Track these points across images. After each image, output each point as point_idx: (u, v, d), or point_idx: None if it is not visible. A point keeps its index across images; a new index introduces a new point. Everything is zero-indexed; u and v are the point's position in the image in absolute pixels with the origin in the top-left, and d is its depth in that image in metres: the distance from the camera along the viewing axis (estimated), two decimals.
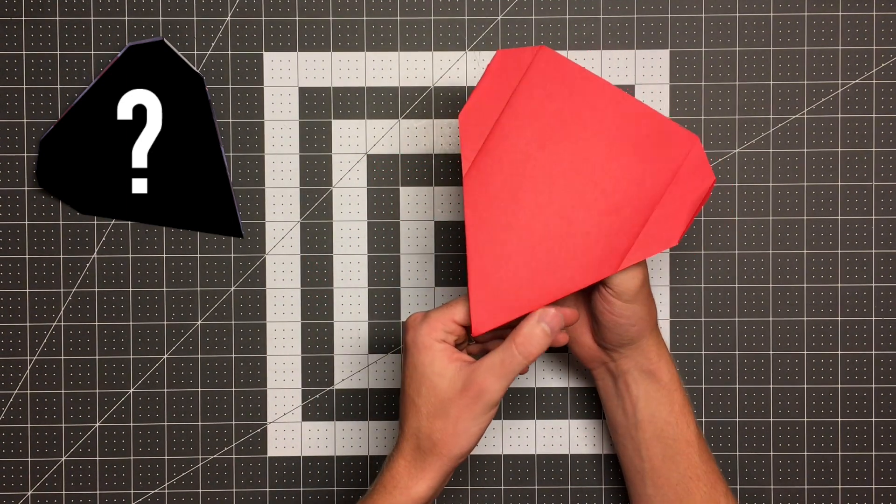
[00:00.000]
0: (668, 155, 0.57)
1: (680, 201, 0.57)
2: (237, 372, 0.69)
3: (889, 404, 0.68)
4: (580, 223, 0.57)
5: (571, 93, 0.58)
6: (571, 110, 0.58)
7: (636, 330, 0.59)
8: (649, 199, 0.57)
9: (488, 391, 0.55)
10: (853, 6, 0.68)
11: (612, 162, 0.57)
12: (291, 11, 0.68)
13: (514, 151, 0.58)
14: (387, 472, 0.57)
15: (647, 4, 0.68)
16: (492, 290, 0.57)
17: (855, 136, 0.68)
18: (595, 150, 0.57)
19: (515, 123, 0.58)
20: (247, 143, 0.68)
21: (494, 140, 0.58)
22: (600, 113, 0.58)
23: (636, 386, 0.61)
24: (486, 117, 0.58)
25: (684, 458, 0.60)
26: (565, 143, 0.58)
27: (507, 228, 0.58)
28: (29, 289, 0.68)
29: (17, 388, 0.68)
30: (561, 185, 0.58)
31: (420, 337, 0.57)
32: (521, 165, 0.58)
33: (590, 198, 0.57)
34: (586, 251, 0.57)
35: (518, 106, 0.58)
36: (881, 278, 0.68)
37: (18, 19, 0.68)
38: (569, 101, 0.58)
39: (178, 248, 0.68)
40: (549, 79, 0.58)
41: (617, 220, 0.57)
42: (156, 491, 0.68)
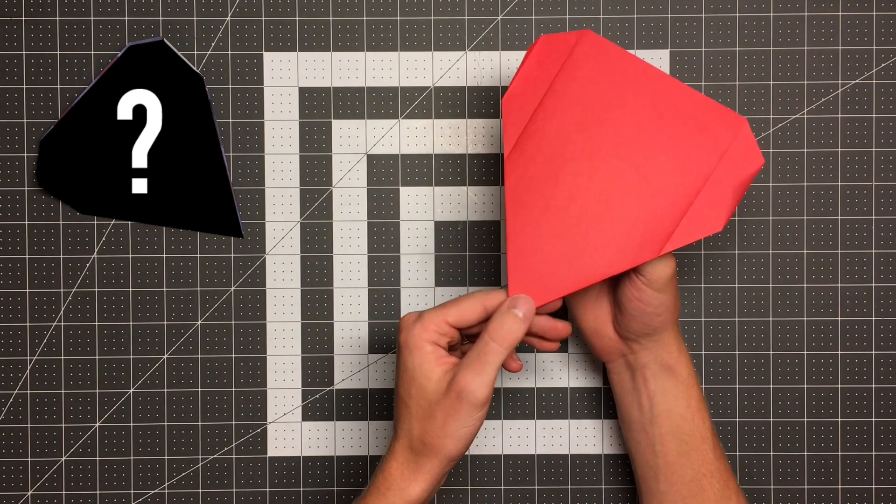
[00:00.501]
0: (714, 137, 0.57)
1: (725, 185, 0.57)
2: (237, 372, 0.69)
3: (889, 404, 0.68)
4: (620, 207, 0.57)
5: (614, 76, 0.58)
6: (614, 94, 0.58)
7: (661, 320, 0.60)
8: (693, 184, 0.57)
9: (469, 390, 0.55)
10: (853, 6, 0.68)
11: (655, 145, 0.57)
12: (291, 11, 0.68)
13: (556, 135, 0.58)
14: (380, 473, 0.57)
15: (647, 4, 0.68)
16: (530, 272, 0.58)
17: (855, 136, 0.68)
18: (637, 133, 0.57)
19: (558, 107, 0.58)
20: (247, 143, 0.68)
21: (536, 123, 0.58)
22: (644, 96, 0.57)
23: (654, 380, 0.61)
24: (529, 101, 0.58)
25: (699, 455, 0.60)
26: (607, 127, 0.58)
27: (546, 211, 0.58)
28: (29, 289, 0.68)
29: (17, 388, 0.68)
30: (601, 168, 0.57)
31: (412, 338, 0.57)
32: (561, 148, 0.58)
33: (631, 182, 0.57)
34: (626, 235, 0.57)
35: (560, 89, 0.58)
36: (881, 278, 0.68)
37: (18, 19, 0.68)
38: (612, 84, 0.58)
39: (178, 248, 0.68)
40: (592, 63, 0.58)
41: (658, 205, 0.57)
42: (156, 491, 0.68)
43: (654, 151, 0.57)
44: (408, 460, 0.57)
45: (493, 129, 0.68)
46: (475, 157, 0.68)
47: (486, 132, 0.68)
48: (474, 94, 0.68)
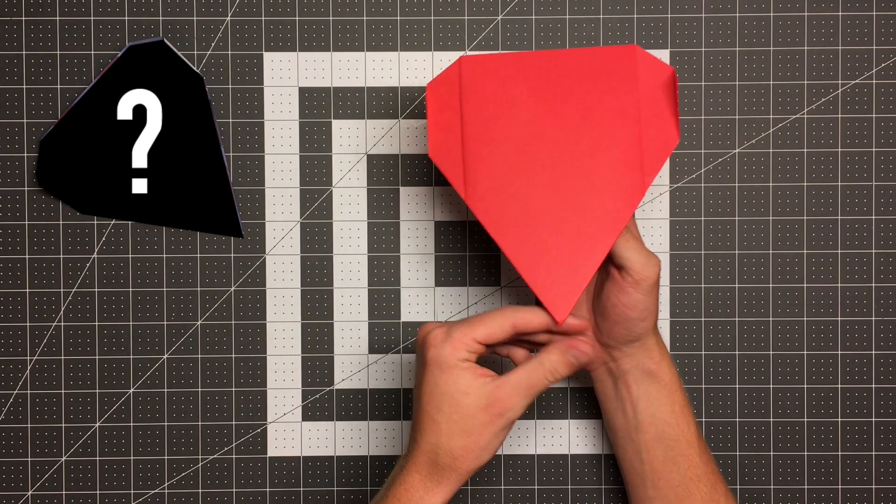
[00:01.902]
0: (620, 73, 0.59)
1: (655, 103, 0.59)
2: (237, 372, 0.69)
3: (889, 404, 0.68)
4: (587, 179, 0.58)
5: (510, 78, 0.59)
6: (522, 92, 0.59)
7: (644, 326, 0.60)
8: (631, 121, 0.58)
9: (512, 409, 0.56)
10: (853, 6, 0.68)
11: (583, 113, 0.59)
12: (291, 11, 0.68)
13: (495, 153, 0.59)
14: (400, 485, 0.57)
15: (647, 4, 0.68)
16: (550, 277, 0.58)
17: (855, 136, 0.68)
18: (563, 112, 0.59)
19: (481, 132, 0.59)
20: (247, 143, 0.68)
21: (472, 158, 0.59)
22: (546, 79, 0.59)
23: (637, 386, 0.61)
24: (452, 143, 0.59)
25: (685, 459, 0.60)
26: (534, 122, 0.59)
27: (526, 220, 0.59)
28: (29, 289, 0.68)
29: (17, 388, 0.68)
30: (551, 157, 0.59)
31: (443, 357, 0.56)
32: (508, 162, 0.59)
33: (583, 153, 0.58)
34: (608, 193, 0.58)
35: (472, 117, 0.59)
36: (881, 278, 0.68)
37: (18, 19, 0.68)
38: (513, 86, 0.59)
39: (178, 248, 0.68)
40: (484, 79, 0.59)
41: (618, 157, 0.58)
42: (156, 491, 0.68)
43: (586, 118, 0.59)
44: (431, 473, 0.57)
45: None
46: None
47: None
48: None
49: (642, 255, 0.59)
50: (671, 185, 0.68)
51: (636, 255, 0.59)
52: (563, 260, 0.58)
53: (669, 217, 0.68)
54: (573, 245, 0.58)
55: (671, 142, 0.58)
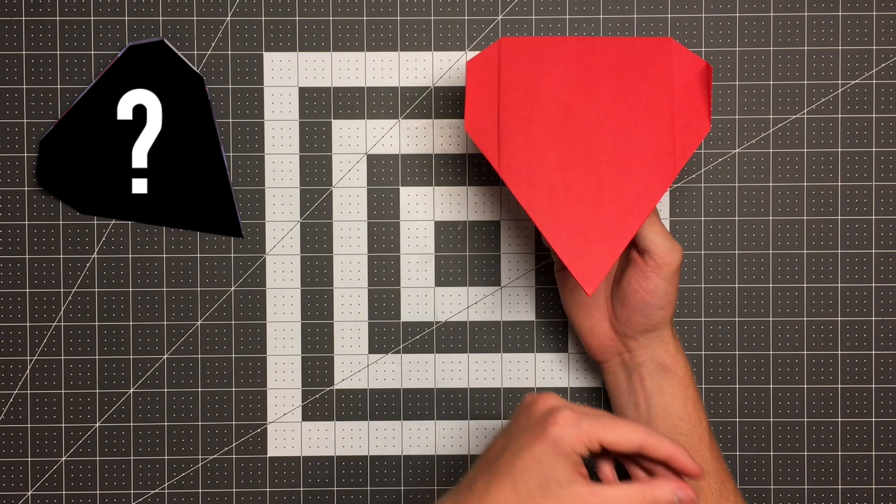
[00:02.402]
0: (655, 64, 0.60)
1: (689, 93, 0.60)
2: (237, 372, 0.69)
3: (889, 404, 0.68)
4: (621, 156, 0.60)
5: (548, 62, 0.60)
6: (559, 75, 0.60)
7: (663, 314, 0.60)
8: (664, 108, 0.60)
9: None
10: (853, 6, 0.68)
11: (617, 96, 0.60)
12: (291, 11, 0.68)
13: (529, 131, 0.60)
14: None
15: (647, 4, 0.68)
16: (580, 249, 0.59)
17: (855, 136, 0.68)
18: (598, 95, 0.60)
19: (518, 110, 0.60)
20: (247, 143, 0.68)
21: (507, 133, 0.60)
22: (583, 64, 0.60)
23: (651, 380, 0.61)
24: (488, 119, 0.60)
25: (697, 455, 0.60)
26: (570, 104, 0.60)
27: (559, 190, 0.59)
28: (29, 289, 0.68)
29: (17, 388, 0.68)
30: (587, 135, 0.60)
31: (565, 442, 0.52)
32: (541, 140, 0.60)
33: (616, 135, 0.60)
34: (640, 175, 0.59)
35: (509, 96, 0.60)
36: (881, 278, 0.68)
37: (18, 19, 0.68)
38: (550, 69, 0.60)
39: (178, 248, 0.68)
40: (522, 61, 0.61)
41: (648, 140, 0.60)
42: (156, 491, 0.68)
43: (620, 102, 0.60)
44: None
45: None
46: (475, 157, 0.68)
47: None
48: None
49: (667, 240, 0.59)
50: (671, 185, 0.68)
51: (661, 239, 0.59)
52: (594, 234, 0.59)
53: (669, 217, 0.68)
54: (604, 221, 0.59)
55: (703, 129, 0.60)
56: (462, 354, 0.69)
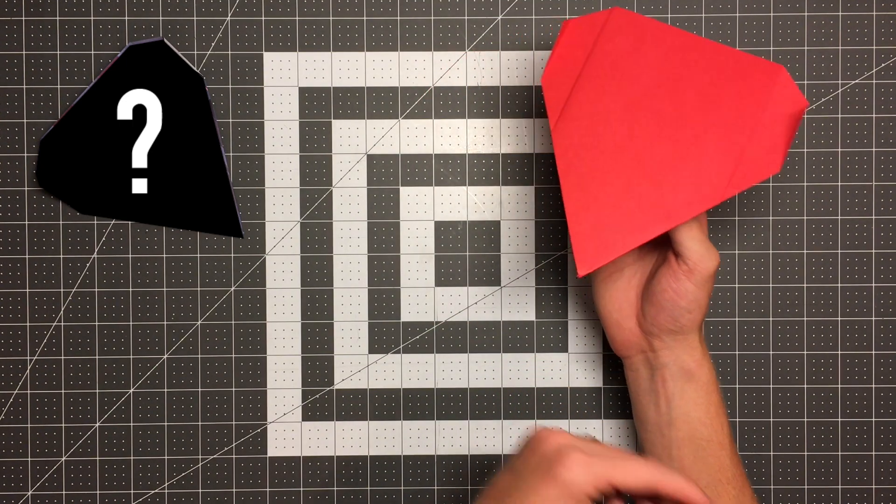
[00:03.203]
0: (755, 86, 0.58)
1: (774, 128, 0.58)
2: (237, 372, 0.69)
3: (889, 404, 0.68)
4: (678, 159, 0.58)
5: (648, 45, 0.59)
6: (650, 61, 0.59)
7: (690, 318, 0.59)
8: (741, 132, 0.58)
9: None
10: (853, 6, 0.68)
11: (699, 102, 0.58)
12: (291, 11, 0.68)
13: (598, 105, 0.59)
14: None
15: (647, 4, 0.68)
16: (591, 230, 0.58)
17: (855, 136, 0.68)
18: (681, 93, 0.59)
19: (596, 80, 0.59)
20: (247, 143, 0.68)
21: (577, 97, 0.59)
22: (680, 59, 0.59)
23: (673, 382, 0.60)
24: (567, 78, 0.60)
25: (716, 461, 0.59)
26: (650, 92, 0.59)
27: (597, 171, 0.58)
28: (29, 289, 0.68)
29: (17, 388, 0.68)
30: (653, 127, 0.58)
31: (576, 485, 0.50)
32: (605, 116, 0.59)
33: (681, 138, 0.58)
34: (686, 185, 0.58)
35: (596, 65, 0.60)
36: (881, 278, 0.68)
37: (18, 19, 0.68)
38: (647, 53, 0.59)
39: (178, 248, 0.68)
40: (624, 36, 0.60)
41: (711, 157, 0.58)
42: (156, 491, 0.68)
43: (700, 107, 0.58)
44: None
45: (493, 129, 0.68)
46: (475, 157, 0.68)
47: (486, 132, 0.68)
48: (474, 94, 0.68)
49: (703, 247, 0.58)
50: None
51: (697, 245, 0.58)
52: (612, 223, 0.58)
53: None
54: (628, 215, 0.58)
55: (771, 168, 0.57)
56: (462, 354, 0.69)
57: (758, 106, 0.58)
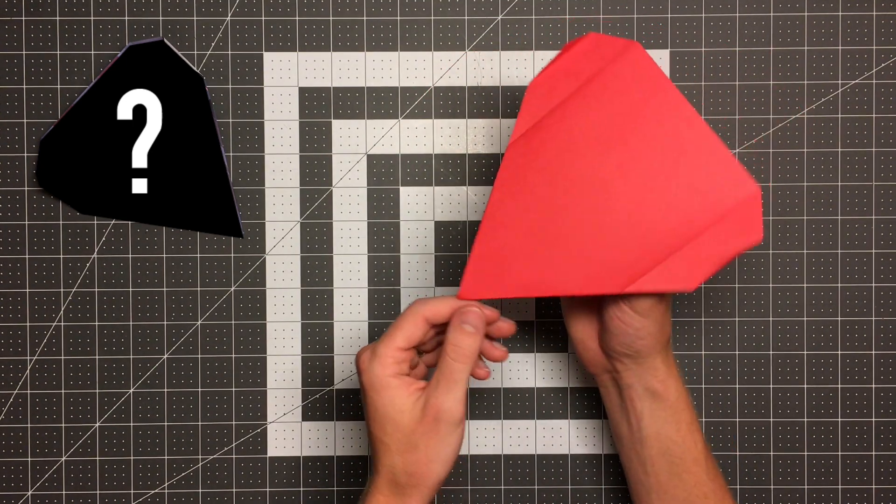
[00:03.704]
0: (722, 194, 0.55)
1: (713, 248, 0.55)
2: (237, 372, 0.69)
3: (889, 404, 0.68)
4: (604, 231, 0.55)
5: (647, 98, 0.55)
6: (641, 115, 0.56)
7: (643, 344, 0.58)
8: (682, 234, 0.55)
9: (444, 409, 0.54)
10: (853, 6, 0.68)
11: (662, 182, 0.55)
12: (291, 11, 0.68)
13: (568, 137, 0.56)
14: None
15: (647, 4, 0.68)
16: (493, 262, 0.56)
17: (855, 136, 0.68)
18: (649, 164, 0.55)
19: (580, 109, 0.56)
20: (247, 143, 0.68)
21: (553, 119, 0.56)
22: (669, 128, 0.55)
23: (640, 402, 0.59)
24: (554, 94, 0.57)
25: (691, 476, 0.59)
26: (621, 147, 0.56)
27: (528, 209, 0.56)
28: (29, 289, 0.68)
29: (17, 388, 0.68)
30: (601, 186, 0.56)
31: (374, 378, 0.56)
32: (568, 153, 0.56)
33: (625, 210, 0.55)
34: (599, 260, 0.55)
35: (589, 93, 0.56)
36: (881, 278, 0.68)
37: (18, 19, 0.68)
38: (642, 105, 0.56)
39: (178, 248, 0.68)
40: (630, 78, 0.56)
41: (642, 242, 0.55)
42: (156, 491, 0.68)
43: (659, 188, 0.55)
44: (393, 493, 0.56)
45: (493, 129, 0.68)
46: (475, 157, 0.68)
47: (486, 132, 0.68)
48: (474, 94, 0.68)
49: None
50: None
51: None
52: (513, 264, 0.56)
53: None
54: (531, 264, 0.56)
55: (684, 286, 0.54)
56: None
57: (713, 217, 0.55)
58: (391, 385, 0.55)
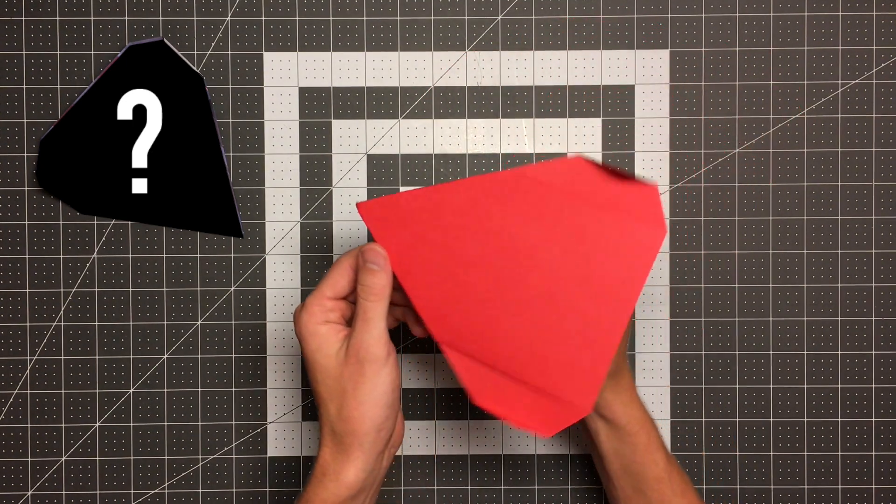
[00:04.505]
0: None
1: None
2: (237, 372, 0.69)
3: (889, 404, 0.68)
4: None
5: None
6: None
7: None
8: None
9: (363, 348, 0.54)
10: (853, 6, 0.68)
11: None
12: (291, 11, 0.68)
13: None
14: (315, 463, 0.56)
15: (647, 4, 0.68)
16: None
17: (855, 136, 0.68)
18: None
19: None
20: (247, 143, 0.68)
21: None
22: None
23: (593, 422, 0.60)
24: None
25: (655, 494, 0.59)
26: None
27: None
28: (29, 289, 0.68)
29: (17, 388, 0.68)
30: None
31: (302, 328, 0.56)
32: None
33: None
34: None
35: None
36: (881, 278, 0.68)
37: (18, 19, 0.68)
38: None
39: (178, 248, 0.68)
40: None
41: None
42: (156, 491, 0.68)
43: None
44: (335, 443, 0.56)
45: (493, 129, 0.68)
46: (475, 157, 0.68)
47: (486, 132, 0.68)
48: (474, 94, 0.68)
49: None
50: (671, 185, 0.68)
51: None
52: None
53: (669, 217, 0.68)
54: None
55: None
56: None
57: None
58: (318, 332, 0.56)
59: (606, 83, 0.68)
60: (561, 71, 0.68)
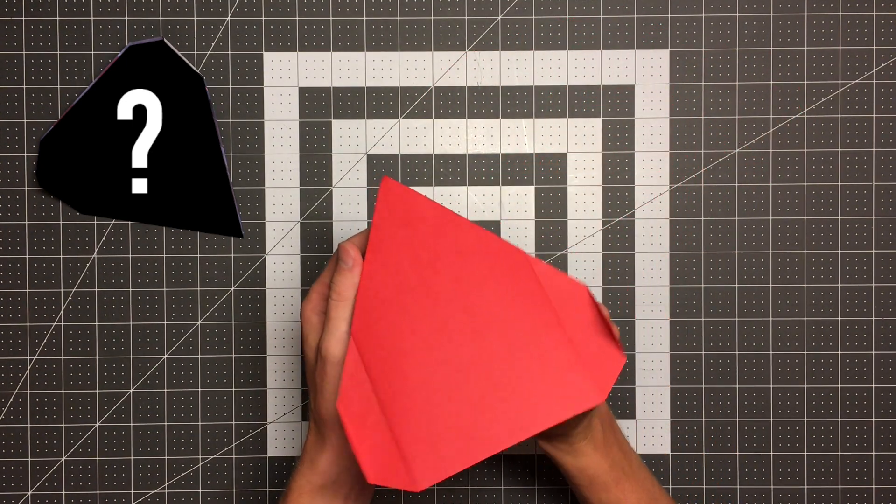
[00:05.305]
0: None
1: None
2: (237, 372, 0.69)
3: (889, 404, 0.68)
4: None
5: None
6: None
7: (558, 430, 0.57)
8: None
9: (323, 347, 0.55)
10: (853, 6, 0.68)
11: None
12: (291, 11, 0.68)
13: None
14: (303, 447, 0.58)
15: (647, 4, 0.68)
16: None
17: (855, 136, 0.68)
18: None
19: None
20: (247, 143, 0.68)
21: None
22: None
23: (559, 456, 0.59)
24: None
25: None
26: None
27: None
28: (29, 289, 0.68)
29: (17, 388, 0.68)
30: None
31: (301, 315, 0.58)
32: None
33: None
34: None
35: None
36: (881, 278, 0.68)
37: (18, 19, 0.68)
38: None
39: (178, 248, 0.68)
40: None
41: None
42: (156, 491, 0.68)
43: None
44: (315, 432, 0.57)
45: (493, 129, 0.68)
46: (475, 157, 0.68)
47: (486, 132, 0.68)
48: (474, 94, 0.68)
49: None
50: (671, 185, 0.68)
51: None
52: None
53: (669, 217, 0.68)
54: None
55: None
56: None
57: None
58: (310, 321, 0.57)
59: (606, 83, 0.68)
60: (561, 71, 0.68)
